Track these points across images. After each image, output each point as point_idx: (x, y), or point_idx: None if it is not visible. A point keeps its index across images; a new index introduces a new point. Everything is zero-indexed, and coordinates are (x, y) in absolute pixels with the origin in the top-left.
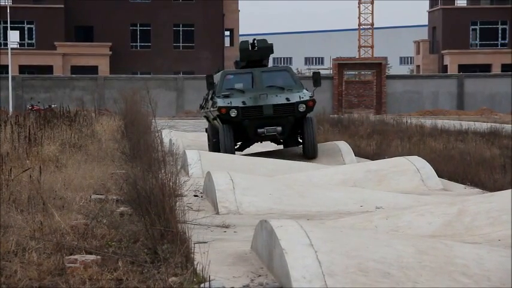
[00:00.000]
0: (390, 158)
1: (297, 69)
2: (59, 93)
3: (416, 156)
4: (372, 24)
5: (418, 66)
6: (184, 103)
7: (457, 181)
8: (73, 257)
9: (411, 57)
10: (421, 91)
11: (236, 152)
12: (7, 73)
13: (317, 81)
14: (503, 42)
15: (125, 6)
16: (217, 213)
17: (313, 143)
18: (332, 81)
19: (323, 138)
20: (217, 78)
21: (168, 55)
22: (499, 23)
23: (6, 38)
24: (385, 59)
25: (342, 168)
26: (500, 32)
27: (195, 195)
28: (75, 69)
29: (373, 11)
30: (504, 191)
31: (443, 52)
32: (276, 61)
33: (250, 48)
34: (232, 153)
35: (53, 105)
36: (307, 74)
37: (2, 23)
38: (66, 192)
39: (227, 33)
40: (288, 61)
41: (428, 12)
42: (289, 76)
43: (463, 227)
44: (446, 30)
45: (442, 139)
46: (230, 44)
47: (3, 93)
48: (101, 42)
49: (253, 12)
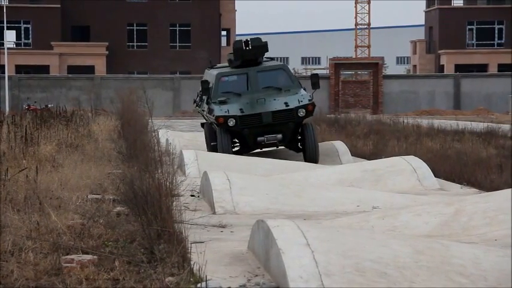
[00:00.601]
0: (387, 157)
1: (293, 68)
2: (56, 93)
3: (413, 156)
4: (369, 24)
5: (415, 66)
6: (181, 103)
7: (453, 181)
8: (70, 256)
9: (408, 57)
10: (418, 91)
11: None
12: (3, 73)
13: (315, 84)
14: (499, 42)
15: (121, 6)
16: (214, 213)
17: (314, 150)
18: (329, 81)
19: (320, 138)
20: (209, 77)
21: (164, 55)
22: (496, 23)
23: (2, 37)
24: (382, 58)
25: (339, 168)
26: (496, 32)
27: (192, 195)
28: (72, 69)
29: (369, 11)
30: (501, 191)
31: (440, 52)
32: None
33: (244, 47)
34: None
35: (49, 105)
36: (304, 74)
37: None
38: (62, 192)
39: (224, 33)
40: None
41: (425, 12)
42: (285, 75)
43: (460, 227)
44: (443, 30)
45: (438, 139)
46: (227, 44)
47: (0, 93)
48: (97, 42)
49: (250, 12)
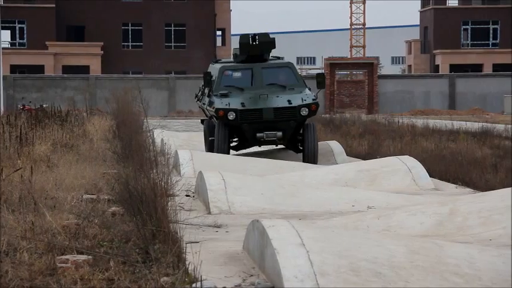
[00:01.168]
0: (382, 157)
1: None
2: (51, 92)
3: (407, 156)
4: (364, 24)
5: (410, 66)
6: (176, 103)
7: (448, 181)
8: (64, 257)
9: (403, 57)
10: (413, 91)
11: (231, 151)
12: None
13: (321, 84)
14: (494, 42)
15: (116, 6)
16: (209, 213)
17: (313, 152)
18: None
19: None
20: (213, 71)
21: (159, 55)
22: (491, 23)
23: None
24: (377, 58)
25: (334, 168)
26: (491, 32)
27: (187, 195)
28: (67, 69)
29: (364, 11)
30: (495, 191)
31: (434, 52)
32: None
33: (251, 42)
34: (226, 153)
35: (44, 105)
36: (300, 74)
37: None
38: (57, 192)
39: (219, 32)
40: None
41: (420, 12)
42: (291, 73)
43: (455, 227)
44: (438, 30)
45: (433, 139)
46: (222, 44)
47: None
48: (92, 42)
49: (245, 11)
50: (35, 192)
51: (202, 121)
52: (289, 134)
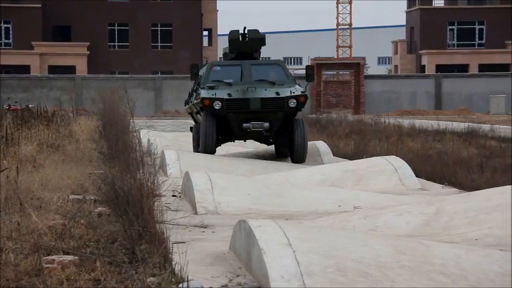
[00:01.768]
0: (368, 158)
1: None
2: (37, 93)
3: (394, 156)
4: (350, 24)
5: (396, 66)
6: (163, 103)
7: (434, 181)
8: (50, 257)
9: (389, 57)
10: (399, 91)
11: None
12: None
13: (310, 76)
14: (480, 42)
15: (102, 6)
16: (196, 213)
17: (303, 147)
18: None
19: None
20: (203, 71)
21: (146, 55)
22: (476, 23)
23: None
24: (363, 59)
25: (320, 168)
26: (477, 32)
27: (174, 195)
28: (53, 69)
29: (351, 11)
30: (481, 191)
31: (421, 52)
32: None
33: (241, 38)
34: (213, 147)
35: (30, 105)
36: None
37: None
38: (43, 192)
39: (205, 33)
40: None
41: (406, 12)
42: (281, 70)
43: (441, 227)
44: (424, 30)
45: (419, 139)
46: (209, 44)
47: None
48: (78, 42)
49: (232, 12)
50: (20, 192)
51: (191, 129)
52: (276, 125)
